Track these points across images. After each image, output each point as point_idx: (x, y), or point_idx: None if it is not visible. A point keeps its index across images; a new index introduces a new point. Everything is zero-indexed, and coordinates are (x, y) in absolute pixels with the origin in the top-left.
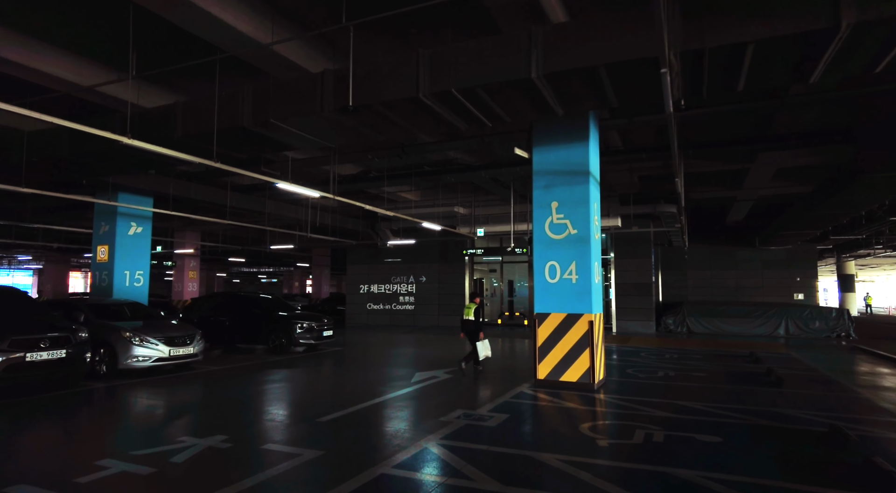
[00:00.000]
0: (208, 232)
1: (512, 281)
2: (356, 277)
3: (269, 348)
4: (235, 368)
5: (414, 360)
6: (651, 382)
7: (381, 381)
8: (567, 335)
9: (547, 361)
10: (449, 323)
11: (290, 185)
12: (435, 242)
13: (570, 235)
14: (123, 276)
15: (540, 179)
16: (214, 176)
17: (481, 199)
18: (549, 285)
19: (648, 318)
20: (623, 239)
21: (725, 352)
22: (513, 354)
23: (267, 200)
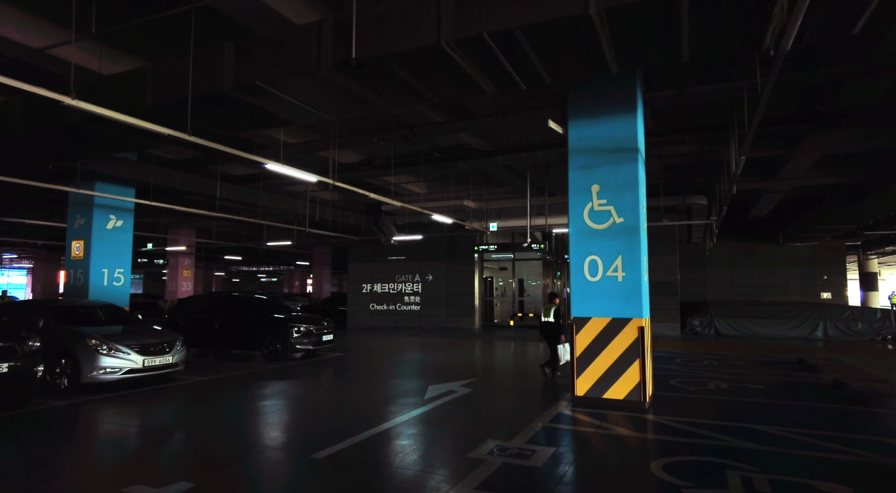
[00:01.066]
0: (203, 229)
1: (522, 280)
2: (358, 275)
3: (263, 355)
4: (222, 379)
5: (424, 369)
6: (705, 397)
7: (389, 397)
8: (612, 344)
9: (588, 374)
10: (457, 325)
11: (281, 166)
12: (442, 238)
13: (614, 225)
14: (101, 274)
15: (577, 159)
16: (202, 164)
17: (494, 191)
18: (589, 285)
19: (673, 319)
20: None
21: (769, 358)
22: (535, 361)
23: (261, 191)
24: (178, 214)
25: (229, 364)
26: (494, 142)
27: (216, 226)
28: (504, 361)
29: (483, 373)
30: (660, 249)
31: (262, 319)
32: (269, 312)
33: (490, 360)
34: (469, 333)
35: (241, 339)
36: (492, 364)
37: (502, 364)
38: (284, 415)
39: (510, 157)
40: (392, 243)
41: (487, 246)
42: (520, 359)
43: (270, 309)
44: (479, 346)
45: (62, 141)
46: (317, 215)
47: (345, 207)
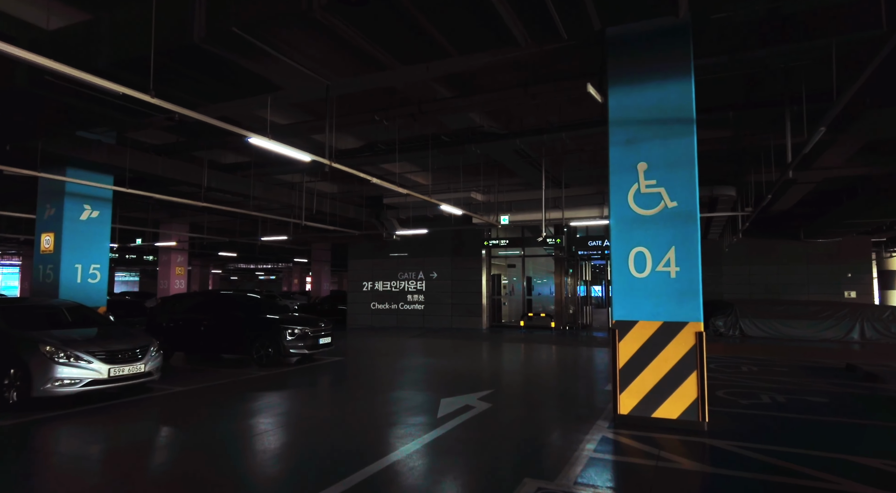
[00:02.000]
0: (197, 224)
1: (530, 278)
2: (358, 273)
3: (255, 360)
4: (203, 390)
5: (433, 377)
6: (766, 414)
7: (395, 415)
8: (664, 353)
9: (633, 389)
10: (464, 325)
11: (267, 141)
12: (448, 233)
13: (665, 210)
14: (73, 270)
15: (619, 132)
16: (186, 149)
17: (504, 183)
18: (635, 282)
19: None
20: None
21: (812, 363)
22: (555, 367)
23: (253, 180)
24: (169, 208)
25: (215, 371)
26: (508, 124)
27: (208, 221)
28: (521, 367)
29: (500, 382)
30: None
31: (253, 320)
32: (262, 312)
33: (505, 366)
34: (476, 334)
35: (229, 342)
36: (508, 371)
37: (520, 371)
38: (271, 440)
39: (528, 139)
40: (394, 239)
41: (498, 240)
42: (538, 364)
43: (263, 309)
44: (490, 349)
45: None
46: (314, 208)
47: (344, 199)
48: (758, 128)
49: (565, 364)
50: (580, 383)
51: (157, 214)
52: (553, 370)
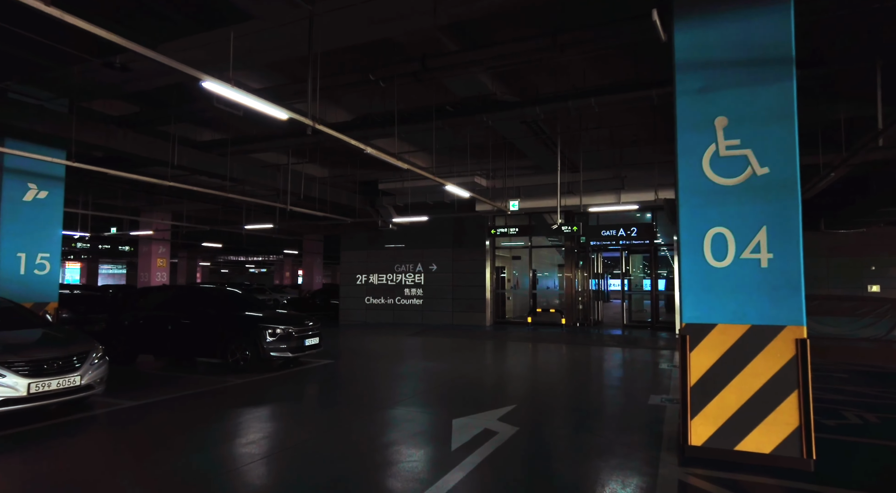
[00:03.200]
0: (179, 212)
1: (535, 271)
2: (352, 265)
3: (230, 364)
4: (156, 406)
5: (439, 388)
6: (872, 443)
7: (396, 445)
8: (752, 366)
9: (710, 413)
10: (465, 322)
11: (229, 89)
12: (448, 222)
13: (753, 179)
14: (15, 260)
15: (690, 78)
16: (150, 122)
17: (512, 167)
18: (712, 273)
19: None
20: None
21: (868, 367)
22: (584, 374)
23: (230, 158)
24: (147, 195)
25: (182, 378)
26: (523, 94)
27: (190, 209)
28: (539, 372)
29: (520, 394)
30: None
31: (228, 318)
32: (239, 309)
33: (521, 371)
34: (480, 331)
35: (200, 343)
36: (526, 378)
37: (540, 378)
38: (229, 490)
39: (549, 107)
40: (390, 228)
41: (507, 229)
42: (559, 369)
43: (240, 305)
44: (499, 349)
45: None
46: (301, 193)
47: (336, 184)
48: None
49: (590, 369)
50: (617, 394)
51: (135, 201)
52: (579, 377)
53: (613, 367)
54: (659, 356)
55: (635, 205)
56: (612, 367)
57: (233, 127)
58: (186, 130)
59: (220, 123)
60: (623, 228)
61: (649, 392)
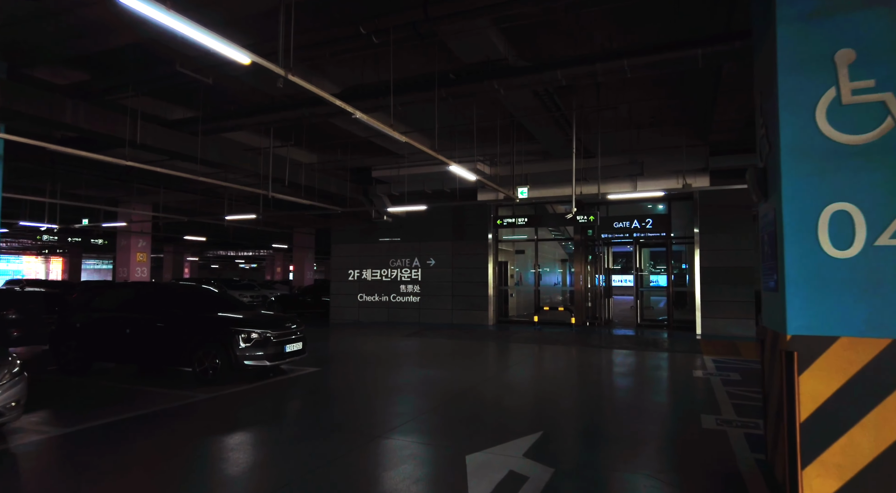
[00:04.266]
0: (161, 204)
1: (538, 265)
2: (343, 260)
3: (197, 375)
4: (88, 434)
5: (445, 406)
6: None
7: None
8: (893, 398)
9: (831, 460)
10: (466, 321)
11: (160, 9)
12: (447, 212)
13: (893, 134)
14: None
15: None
16: (104, 91)
17: (519, 152)
18: (829, 266)
19: (747, 314)
20: (712, 206)
21: None
22: (616, 386)
23: (201, 137)
24: (123, 183)
25: (137, 393)
26: (536, 59)
27: (172, 200)
28: (563, 384)
29: (547, 415)
30: (729, 224)
31: (196, 320)
32: (210, 309)
33: (540, 383)
34: (483, 332)
35: (163, 350)
36: (549, 393)
37: (565, 393)
38: None
39: (573, 71)
40: (385, 219)
41: (514, 219)
42: (585, 380)
43: (213, 305)
44: (506, 353)
45: None
46: (286, 179)
47: (325, 170)
48: None
49: (617, 379)
50: (660, 413)
51: (109, 191)
52: (608, 390)
53: (643, 376)
54: (689, 362)
55: (660, 191)
56: (641, 376)
57: (206, 102)
58: (156, 108)
59: (191, 98)
60: (637, 219)
61: (697, 411)
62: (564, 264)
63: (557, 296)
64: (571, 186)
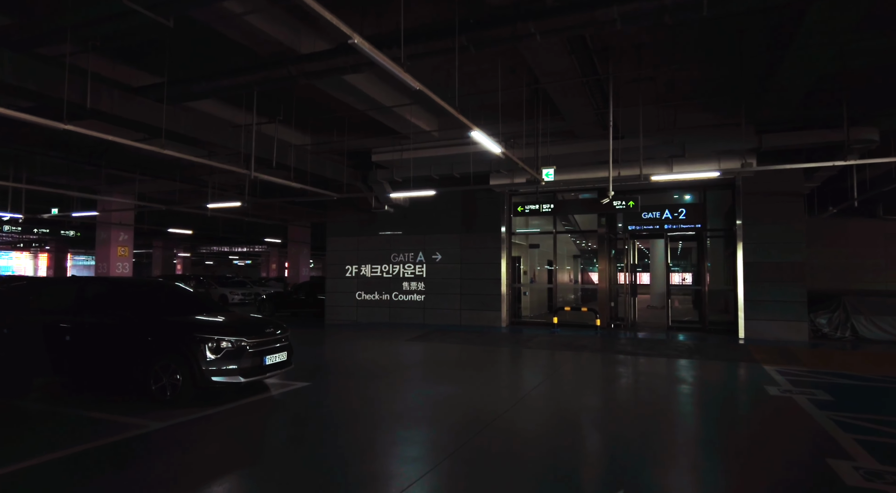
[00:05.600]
0: (146, 194)
1: (552, 261)
2: (339, 254)
3: (153, 395)
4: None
5: (473, 447)
6: None
7: None
8: None
9: None
10: (477, 322)
11: None
12: (455, 201)
13: None
14: None
15: None
16: (39, 40)
17: (541, 131)
18: None
19: (797, 317)
20: (757, 194)
21: None
22: (689, 414)
23: (166, 106)
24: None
25: (72, 421)
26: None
27: (154, 190)
28: (619, 407)
29: (623, 464)
30: (777, 212)
31: (152, 325)
32: (174, 311)
33: (591, 405)
34: (497, 335)
35: (110, 363)
36: (609, 422)
37: (628, 421)
38: None
39: (633, 6)
40: (386, 210)
41: (537, 206)
42: (645, 401)
43: (174, 306)
44: (533, 363)
45: None
46: (274, 160)
47: (319, 152)
48: None
49: (686, 401)
50: (773, 458)
51: (86, 181)
52: (685, 419)
53: (710, 395)
54: (751, 374)
55: (714, 172)
56: (708, 395)
57: (174, 64)
58: (116, 73)
59: (157, 61)
60: (669, 209)
61: (819, 454)
62: (576, 260)
63: (570, 294)
64: (608, 168)
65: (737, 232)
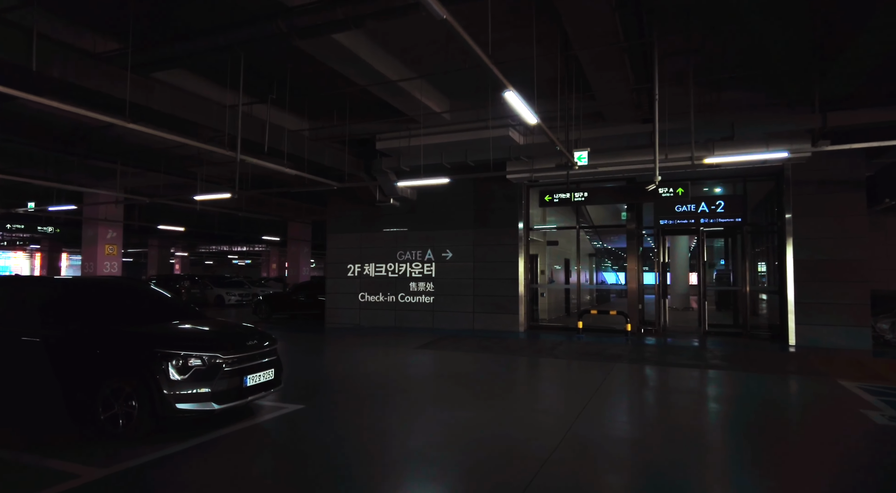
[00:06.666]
0: (135, 188)
1: (569, 261)
2: (340, 251)
3: (103, 426)
4: None
5: None
6: None
7: None
8: None
9: None
10: (492, 326)
11: None
12: (468, 194)
13: None
14: None
15: None
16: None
17: (565, 116)
18: None
19: (858, 321)
20: (810, 183)
21: None
22: (804, 457)
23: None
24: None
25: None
26: None
27: (142, 184)
28: (692, 442)
29: None
30: (834, 203)
31: (102, 337)
32: (131, 319)
33: (654, 440)
34: (517, 342)
35: (49, 389)
36: (688, 469)
37: (717, 467)
38: None
39: None
40: (391, 204)
41: (567, 195)
42: (720, 431)
43: (138, 313)
44: (567, 378)
45: None
46: (265, 144)
47: (319, 136)
48: None
49: (774, 428)
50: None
51: (74, 175)
52: (785, 459)
53: (798, 422)
54: (833, 392)
55: (782, 152)
56: (793, 421)
57: (139, 29)
58: (77, 38)
59: (124, 29)
60: (705, 202)
61: None
62: (591, 259)
63: (585, 296)
64: (644, 153)
65: (786, 226)
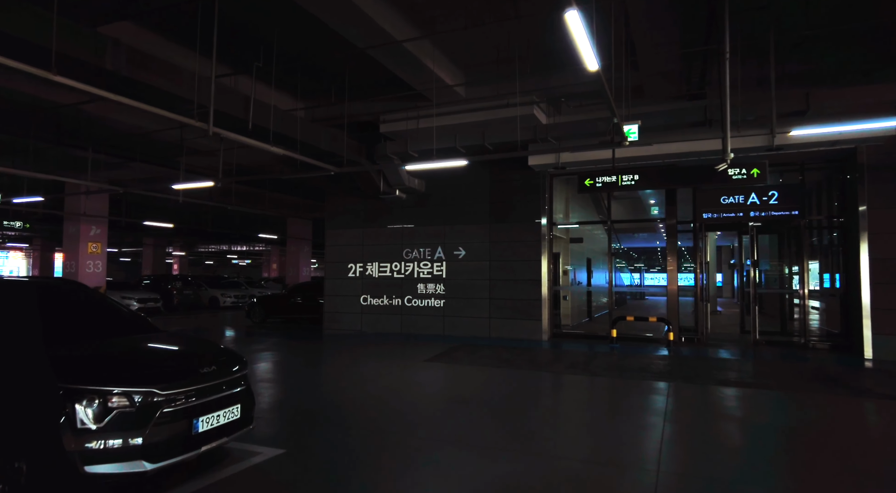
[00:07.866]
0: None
1: (590, 260)
2: (341, 249)
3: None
4: None
5: None
6: None
7: None
8: None
9: None
10: (513, 334)
11: None
12: (483, 185)
13: None
14: None
15: None
16: None
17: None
18: None
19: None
20: (889, 170)
21: None
22: None
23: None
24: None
25: None
26: None
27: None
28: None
29: None
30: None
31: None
32: (60, 336)
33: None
34: (543, 353)
35: None
36: None
37: None
38: None
39: None
40: (397, 195)
41: (616, 179)
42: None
43: (73, 327)
44: (619, 400)
45: None
46: (249, 121)
47: (314, 119)
48: None
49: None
50: None
51: (50, 166)
52: None
53: None
54: None
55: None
56: None
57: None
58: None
59: None
60: (755, 192)
61: None
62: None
63: (602, 298)
64: (725, 127)
65: (859, 220)
